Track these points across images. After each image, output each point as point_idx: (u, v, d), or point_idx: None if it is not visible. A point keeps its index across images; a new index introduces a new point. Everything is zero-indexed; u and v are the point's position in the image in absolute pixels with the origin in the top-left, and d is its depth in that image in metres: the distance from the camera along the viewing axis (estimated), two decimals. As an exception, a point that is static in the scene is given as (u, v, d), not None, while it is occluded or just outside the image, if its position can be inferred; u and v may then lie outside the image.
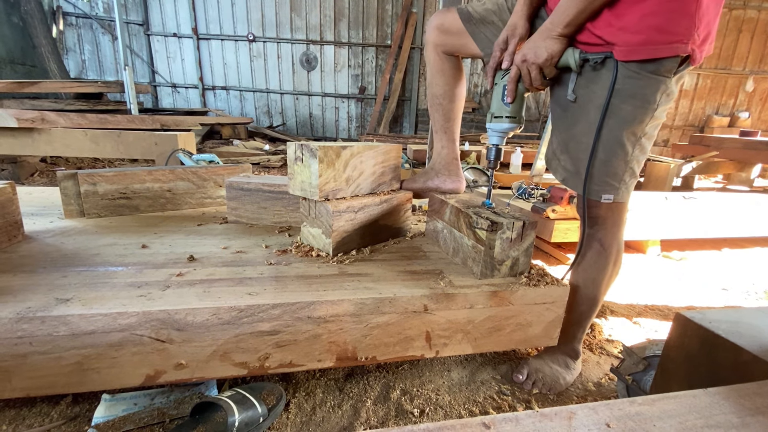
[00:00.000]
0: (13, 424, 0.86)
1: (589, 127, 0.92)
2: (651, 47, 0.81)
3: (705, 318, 0.75)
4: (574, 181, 0.98)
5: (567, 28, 0.87)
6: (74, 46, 7.61)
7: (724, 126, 8.12)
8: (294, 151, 1.07)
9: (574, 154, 0.97)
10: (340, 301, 0.87)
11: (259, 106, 8.24)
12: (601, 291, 1.05)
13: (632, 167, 0.93)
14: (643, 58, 0.82)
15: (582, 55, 0.88)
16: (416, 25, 7.67)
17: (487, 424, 0.46)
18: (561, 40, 0.88)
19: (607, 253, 1.01)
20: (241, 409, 0.83)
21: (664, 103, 0.88)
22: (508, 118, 1.01)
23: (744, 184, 4.29)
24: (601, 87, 0.89)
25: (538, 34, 0.91)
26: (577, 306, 1.07)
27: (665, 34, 0.80)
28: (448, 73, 1.23)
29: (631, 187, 0.96)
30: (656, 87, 0.85)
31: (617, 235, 1.01)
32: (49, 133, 2.80)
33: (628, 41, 0.83)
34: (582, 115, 0.93)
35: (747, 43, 7.86)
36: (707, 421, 0.49)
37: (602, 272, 1.03)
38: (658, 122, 0.91)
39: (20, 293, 0.83)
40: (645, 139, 0.91)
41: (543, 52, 0.89)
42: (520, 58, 0.93)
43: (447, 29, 1.15)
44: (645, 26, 0.80)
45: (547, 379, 1.07)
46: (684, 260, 2.18)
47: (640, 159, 0.94)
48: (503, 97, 1.01)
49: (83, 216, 1.38)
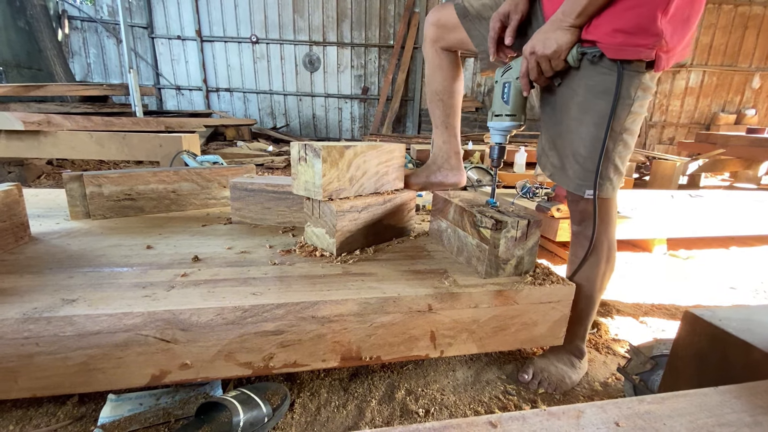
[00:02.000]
0: (20, 425, 0.86)
1: (570, 124, 0.93)
2: (617, 48, 0.82)
3: (714, 315, 0.74)
4: (560, 176, 0.99)
5: (579, 18, 0.84)
6: (79, 50, 7.68)
7: (730, 123, 8.05)
8: (297, 151, 1.07)
9: (560, 151, 0.98)
10: (344, 300, 0.87)
11: (263, 107, 8.26)
12: (596, 288, 1.04)
13: (615, 163, 0.93)
14: (610, 58, 0.84)
15: (580, 49, 0.87)
16: (418, 25, 7.66)
17: (494, 423, 0.45)
18: (573, 31, 0.86)
19: (598, 250, 1.01)
20: (246, 409, 0.83)
21: (640, 98, 0.88)
22: (509, 116, 1.01)
23: (751, 182, 4.24)
24: (578, 84, 0.90)
25: (548, 24, 0.88)
26: (575, 304, 1.06)
27: (631, 37, 0.81)
28: (446, 69, 1.23)
29: (616, 183, 0.95)
30: (630, 82, 0.85)
31: (607, 232, 1.01)
32: (55, 135, 2.82)
33: (603, 40, 0.83)
34: (564, 113, 0.94)
35: (753, 39, 7.79)
36: (718, 420, 0.49)
37: (594, 269, 1.02)
38: (638, 117, 0.91)
39: (27, 294, 0.83)
40: (626, 135, 0.91)
41: (553, 43, 0.87)
42: (528, 49, 0.91)
43: (443, 25, 1.15)
44: (613, 29, 0.82)
45: (553, 379, 1.06)
46: (691, 259, 2.16)
47: (624, 154, 0.93)
48: (503, 95, 1.00)
49: (89, 217, 1.39)
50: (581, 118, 0.91)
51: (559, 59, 0.89)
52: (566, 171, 0.97)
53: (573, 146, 0.94)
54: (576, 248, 1.04)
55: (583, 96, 0.89)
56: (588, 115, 0.89)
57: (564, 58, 0.89)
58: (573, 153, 0.94)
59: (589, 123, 0.90)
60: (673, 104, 8.23)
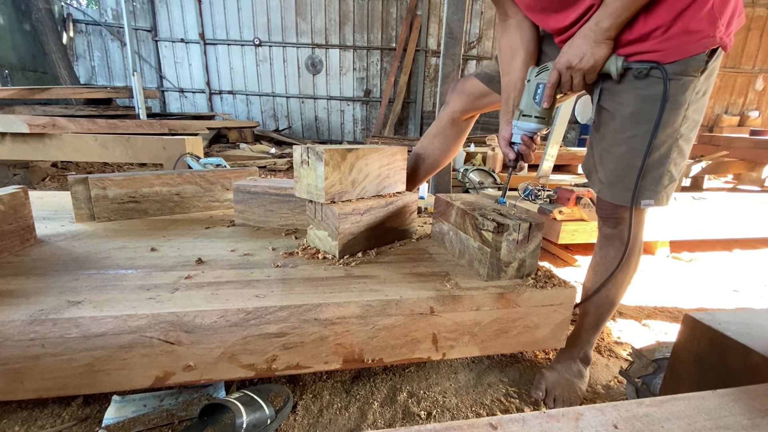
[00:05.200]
0: (26, 425, 0.87)
1: (618, 137, 0.90)
2: (680, 49, 0.80)
3: (714, 319, 0.74)
4: (609, 192, 0.96)
5: (615, 31, 0.83)
6: (84, 53, 7.74)
7: (733, 125, 8.03)
8: (300, 155, 1.08)
9: (606, 165, 0.95)
10: (346, 303, 0.87)
11: (265, 109, 8.30)
12: (621, 293, 1.04)
13: (670, 170, 0.91)
14: (674, 60, 0.81)
15: (625, 63, 0.84)
16: (421, 27, 7.69)
17: (494, 425, 0.46)
18: (608, 44, 0.84)
19: (629, 253, 0.99)
20: (249, 410, 0.83)
21: (695, 102, 0.86)
22: (537, 118, 0.97)
23: (755, 184, 4.22)
24: (629, 96, 0.87)
25: (581, 38, 0.86)
26: (596, 309, 1.05)
27: (691, 35, 0.79)
28: (449, 139, 1.35)
29: (670, 191, 0.93)
30: (684, 87, 0.83)
31: (639, 235, 1.00)
32: (60, 138, 2.84)
33: (657, 48, 0.82)
34: (610, 127, 0.92)
35: (756, 41, 7.77)
36: (716, 423, 0.49)
37: (625, 274, 1.01)
38: (694, 122, 0.89)
39: (33, 296, 0.84)
40: (682, 141, 0.89)
41: (590, 58, 0.85)
42: (564, 63, 0.88)
43: (472, 93, 1.25)
44: (668, 33, 0.80)
45: (566, 393, 1.04)
46: (694, 261, 2.15)
47: (678, 162, 0.91)
48: (535, 96, 0.97)
49: (94, 220, 1.40)
50: (636, 129, 0.88)
51: (595, 73, 0.87)
52: (615, 185, 0.94)
53: (626, 158, 0.90)
54: (607, 250, 1.01)
55: (636, 106, 0.87)
56: (644, 125, 0.87)
57: (599, 71, 0.87)
58: (625, 166, 0.91)
59: (645, 133, 0.87)
60: (676, 106, 8.20)
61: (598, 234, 1.05)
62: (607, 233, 1.02)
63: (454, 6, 2.26)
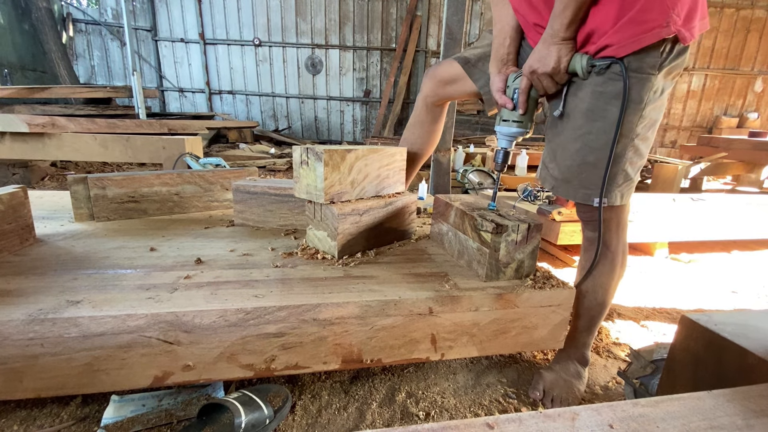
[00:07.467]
0: (24, 425, 0.87)
1: (574, 133, 0.92)
2: (633, 40, 0.80)
3: (711, 320, 0.74)
4: (564, 188, 0.97)
5: (568, 31, 0.85)
6: (84, 52, 7.73)
7: (732, 127, 8.04)
8: (299, 155, 1.08)
9: (560, 162, 0.96)
10: (345, 303, 0.88)
11: (265, 109, 8.30)
12: (610, 294, 1.04)
13: (625, 170, 0.91)
14: (629, 52, 0.81)
15: (590, 61, 0.86)
16: (421, 28, 7.69)
17: (491, 425, 0.46)
18: (566, 44, 0.86)
19: (613, 256, 1.00)
20: (248, 410, 0.84)
21: (653, 101, 0.86)
22: (516, 122, 1.00)
23: (753, 186, 4.23)
24: (586, 93, 0.88)
25: (541, 42, 0.88)
26: (587, 311, 1.05)
27: (641, 24, 0.79)
28: (426, 125, 1.35)
29: (626, 190, 0.94)
30: (641, 86, 0.84)
31: (621, 238, 1.01)
32: (60, 137, 2.84)
33: (611, 42, 0.82)
34: (568, 123, 0.93)
35: (755, 43, 7.79)
36: (711, 423, 0.49)
37: (610, 275, 1.02)
38: (652, 122, 0.89)
39: (32, 295, 0.84)
40: (638, 141, 0.89)
41: (550, 60, 0.87)
42: (528, 69, 0.91)
43: (443, 78, 1.25)
44: (619, 26, 0.80)
45: (564, 393, 1.05)
46: (693, 263, 2.16)
47: (635, 161, 0.91)
48: (513, 101, 0.99)
49: (93, 219, 1.40)
50: (590, 126, 0.89)
51: (561, 74, 0.89)
52: (570, 182, 0.95)
53: (580, 155, 0.92)
54: (590, 253, 1.02)
55: (590, 103, 0.88)
56: (598, 122, 0.88)
57: (565, 71, 0.88)
58: (580, 162, 0.92)
59: (599, 130, 0.88)
60: (676, 107, 8.23)
61: (582, 237, 1.06)
62: (589, 236, 1.03)
63: (454, 7, 2.27)
